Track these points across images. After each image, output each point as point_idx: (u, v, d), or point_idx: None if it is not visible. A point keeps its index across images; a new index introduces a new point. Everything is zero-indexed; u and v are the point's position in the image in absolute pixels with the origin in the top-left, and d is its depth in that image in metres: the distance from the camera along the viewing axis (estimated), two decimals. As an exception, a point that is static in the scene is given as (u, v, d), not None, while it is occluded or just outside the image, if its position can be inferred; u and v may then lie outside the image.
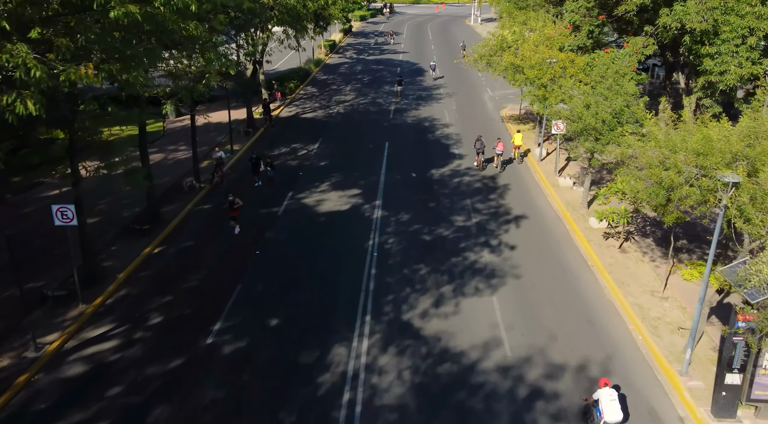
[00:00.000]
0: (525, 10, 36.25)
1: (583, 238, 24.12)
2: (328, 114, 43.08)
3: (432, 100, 47.18)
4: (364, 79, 54.75)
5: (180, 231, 24.56)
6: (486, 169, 32.61)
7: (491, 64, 34.43)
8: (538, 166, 32.45)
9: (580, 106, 24.51)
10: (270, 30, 38.26)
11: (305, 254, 22.63)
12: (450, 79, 54.68)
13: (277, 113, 42.98)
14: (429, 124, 40.45)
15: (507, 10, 38.71)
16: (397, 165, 32.47)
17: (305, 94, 49.16)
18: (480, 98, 47.91)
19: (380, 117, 42.19)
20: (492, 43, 34.29)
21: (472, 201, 27.89)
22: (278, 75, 51.77)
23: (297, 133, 38.28)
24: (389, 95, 48.54)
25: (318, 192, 28.75)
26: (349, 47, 74.20)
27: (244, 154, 34.17)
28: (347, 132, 38.65)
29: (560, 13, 35.89)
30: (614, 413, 12.82)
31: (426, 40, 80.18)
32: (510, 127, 39.74)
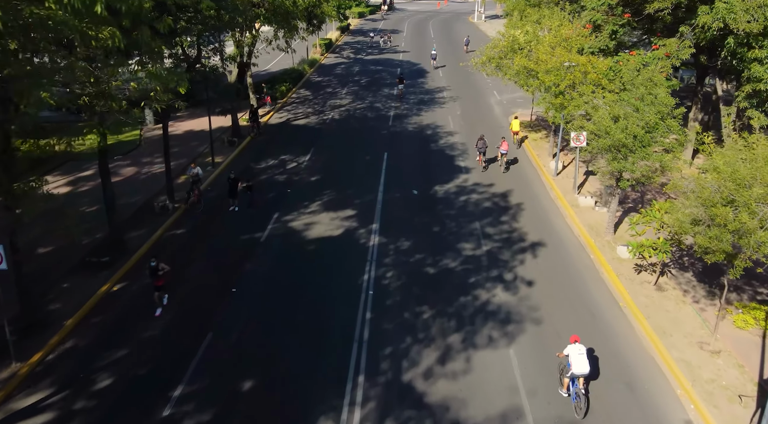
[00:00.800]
0: (538, 8, 33.32)
1: (611, 271, 21.23)
2: (322, 120, 40.19)
3: (435, 104, 44.30)
4: (362, 81, 51.85)
5: (146, 262, 21.62)
6: (488, 170, 31.04)
7: (501, 68, 31.55)
8: (554, 181, 29.55)
9: (607, 119, 21.61)
10: (257, 30, 35.37)
11: (289, 294, 19.74)
12: (454, 81, 51.77)
13: (267, 120, 40.09)
14: (432, 132, 37.56)
15: (518, 7, 35.78)
16: (397, 180, 29.59)
17: (298, 98, 46.26)
18: (486, 102, 45.03)
19: (379, 124, 39.30)
20: (502, 44, 31.40)
21: (481, 224, 25.01)
22: (269, 77, 48.90)
23: (287, 143, 35.40)
24: (388, 99, 45.65)
25: (307, 213, 25.86)
26: (347, 46, 71.29)
27: (226, 168, 31.26)
28: (342, 141, 35.77)
29: (577, 11, 33.01)
30: (582, 366, 14.38)
31: (427, 38, 77.24)
32: (520, 134, 36.83)
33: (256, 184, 27.55)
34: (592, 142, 21.95)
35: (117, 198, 25.76)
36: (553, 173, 30.32)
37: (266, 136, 36.68)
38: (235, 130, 35.67)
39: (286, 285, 20.20)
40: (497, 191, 28.46)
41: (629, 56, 26.86)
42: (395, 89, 48.14)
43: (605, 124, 21.14)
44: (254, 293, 19.70)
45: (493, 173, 30.67)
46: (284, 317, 18.38)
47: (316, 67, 57.70)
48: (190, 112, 40.01)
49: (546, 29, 31.31)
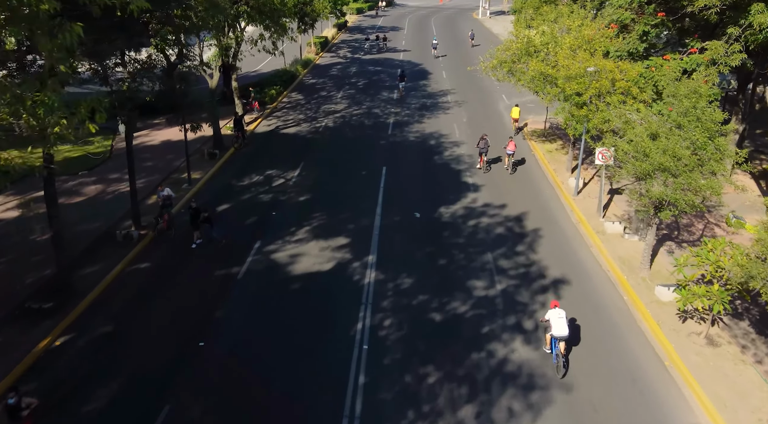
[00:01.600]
0: (554, 5, 30.35)
1: (651, 318, 18.27)
2: (315, 128, 37.21)
3: (438, 110, 41.32)
4: (359, 84, 48.87)
5: (99, 307, 18.69)
6: (491, 170, 29.99)
7: (514, 73, 28.58)
8: (575, 202, 26.58)
9: (645, 138, 18.64)
10: (242, 29, 32.38)
11: (266, 350, 16.79)
12: (459, 82, 48.77)
13: (253, 128, 37.11)
14: (435, 143, 34.59)
15: (531, 4, 32.80)
16: (397, 200, 26.64)
17: (289, 103, 43.27)
18: (495, 108, 42.06)
19: (377, 132, 36.34)
20: (515, 46, 28.42)
21: (494, 256, 22.05)
22: (258, 79, 45.93)
23: (275, 155, 32.42)
24: (388, 104, 42.66)
25: (294, 242, 22.89)
26: (344, 44, 68.28)
27: (205, 186, 28.30)
28: (336, 153, 32.79)
29: (598, 8, 30.05)
30: (561, 329, 15.57)
31: (430, 36, 74.13)
32: (534, 147, 33.89)
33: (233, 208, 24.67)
34: (627, 164, 18.97)
35: (75, 224, 22.93)
36: (573, 192, 27.35)
37: (252, 147, 33.71)
38: (216, 140, 32.70)
39: (263, 340, 17.24)
40: (511, 214, 25.50)
41: (662, 61, 23.90)
42: (395, 92, 45.27)
43: (644, 144, 18.15)
44: (223, 352, 16.73)
45: (505, 191, 27.71)
46: (258, 386, 15.42)
47: (310, 67, 54.72)
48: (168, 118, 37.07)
49: (564, 29, 28.34)
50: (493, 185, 28.39)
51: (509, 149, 29.18)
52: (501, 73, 29.11)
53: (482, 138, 29.32)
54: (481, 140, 29.33)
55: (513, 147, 29.17)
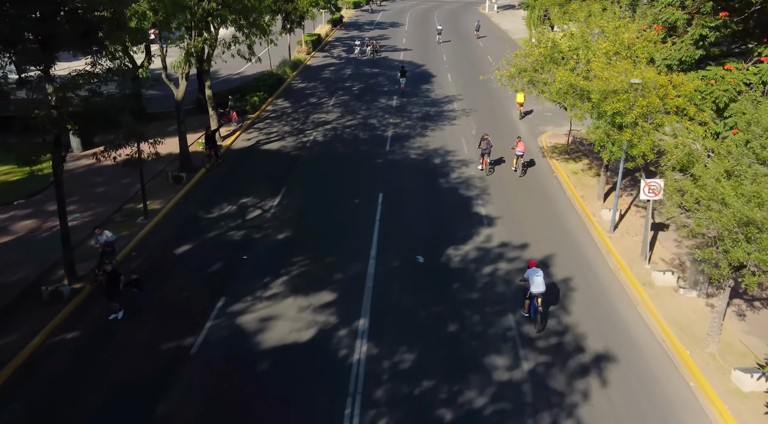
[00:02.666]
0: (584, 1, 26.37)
1: (728, 415, 14.27)
2: (302, 143, 33.21)
3: (443, 120, 37.32)
4: (354, 89, 44.85)
5: (8, 392, 14.68)
6: (493, 173, 28.63)
7: (536, 84, 24.57)
8: (611, 240, 22.59)
9: (720, 178, 14.65)
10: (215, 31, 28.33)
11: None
12: (466, 87, 44.73)
13: (230, 143, 33.09)
14: (440, 161, 30.59)
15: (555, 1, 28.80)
16: (396, 237, 22.68)
17: (274, 112, 39.26)
18: (507, 117, 38.07)
19: (373, 148, 32.34)
20: (537, 51, 24.40)
21: (517, 318, 18.08)
22: (240, 84, 41.88)
23: (252, 177, 28.44)
24: (386, 113, 38.66)
25: (266, 299, 18.90)
26: (338, 43, 64.24)
27: (164, 220, 24.30)
28: (325, 174, 28.80)
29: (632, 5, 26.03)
30: (538, 286, 17.16)
31: (433, 33, 70.16)
32: (556, 167, 29.90)
33: (196, 249, 20.65)
34: (697, 214, 14.95)
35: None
36: (608, 227, 23.34)
37: (227, 167, 29.70)
38: (184, 160, 28.68)
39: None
40: (534, 257, 21.46)
41: (724, 72, 19.88)
42: (395, 98, 41.29)
43: (721, 190, 14.13)
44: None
45: (524, 225, 23.71)
46: None
47: (299, 69, 50.69)
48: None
49: (597, 31, 24.32)
50: (509, 216, 24.40)
51: (518, 150, 27.70)
52: (520, 84, 25.10)
53: (483, 138, 27.85)
54: (482, 141, 27.87)
55: (522, 148, 27.70)
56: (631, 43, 22.06)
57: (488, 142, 27.84)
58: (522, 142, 28.20)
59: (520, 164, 28.16)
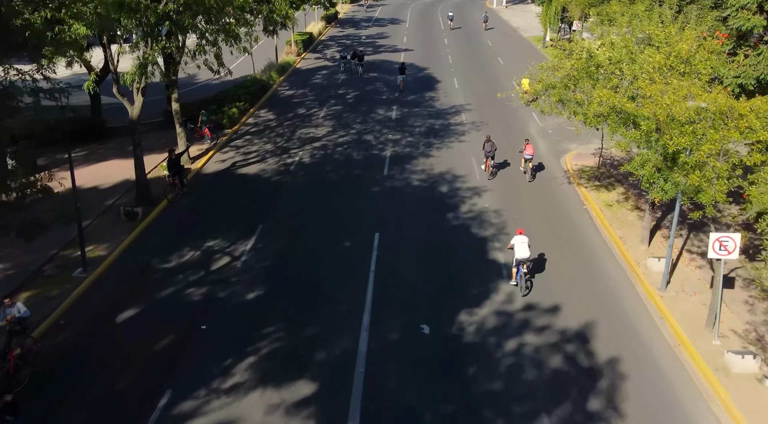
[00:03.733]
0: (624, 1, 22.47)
1: None
2: (285, 166, 29.34)
3: (450, 135, 33.44)
4: (348, 97, 40.97)
5: None
6: (495, 177, 27.62)
7: (566, 104, 20.66)
8: (664, 302, 18.68)
9: None
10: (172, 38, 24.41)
11: None
12: (475, 94, 40.82)
13: (201, 165, 29.21)
14: (448, 190, 26.72)
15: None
16: (394, 295, 18.87)
17: (255, 125, 35.38)
18: (525, 132, 34.16)
19: (368, 172, 28.48)
20: (569, 64, 20.50)
21: (553, 421, 14.16)
22: (219, 91, 37.90)
23: (223, 212, 24.57)
24: (384, 127, 34.79)
25: (224, 393, 15.01)
26: (332, 42, 60.32)
27: (108, 272, 20.41)
28: (310, 207, 24.95)
29: (679, 5, 22.15)
30: (523, 252, 18.52)
31: (437, 31, 66.38)
32: (586, 196, 26.03)
33: (142, 315, 16.74)
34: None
35: None
36: (658, 283, 19.43)
37: (194, 198, 25.84)
38: (141, 190, 24.79)
39: None
40: (569, 326, 17.59)
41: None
42: (393, 109, 37.48)
43: None
44: None
45: (553, 280, 19.81)
46: None
47: (288, 73, 46.79)
48: (95, 150, 29.49)
49: (641, 38, 20.40)
50: (534, 265, 20.47)
51: (527, 153, 26.78)
52: (548, 104, 21.19)
53: (487, 140, 27.15)
54: (486, 143, 27.11)
55: (531, 150, 26.78)
56: (689, 55, 18.16)
57: (492, 145, 26.88)
58: (530, 144, 26.99)
59: (529, 168, 27.09)
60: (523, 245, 18.62)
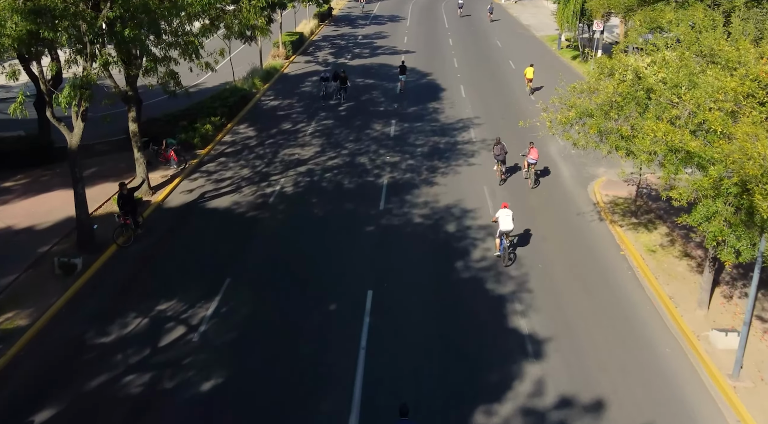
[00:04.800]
0: (681, 6, 18.77)
1: None
2: (263, 197, 25.69)
3: (458, 157, 29.78)
4: (341, 109, 37.32)
5: None
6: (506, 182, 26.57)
7: (608, 137, 16.98)
8: (737, 394, 15.03)
9: None
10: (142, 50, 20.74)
11: None
12: (485, 105, 37.16)
13: (163, 198, 25.52)
14: (456, 229, 23.08)
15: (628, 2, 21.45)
16: (391, 384, 15.22)
17: (232, 145, 31.69)
18: (544, 153, 30.49)
19: (361, 206, 24.84)
20: (611, 87, 16.80)
21: None
22: (192, 104, 34.14)
23: (184, 262, 20.91)
24: (381, 146, 31.16)
25: None
26: (325, 43, 56.62)
27: (28, 350, 16.73)
28: (289, 255, 21.31)
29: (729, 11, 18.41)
30: (507, 224, 19.81)
31: (440, 29, 62.70)
32: (622, 238, 22.38)
33: (58, 419, 13.08)
34: None
35: None
36: (730, 368, 15.75)
37: (149, 242, 22.16)
38: (83, 234, 21.08)
39: None
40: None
41: None
42: (392, 123, 33.85)
43: None
44: None
45: (592, 360, 16.14)
46: None
47: (274, 80, 43.11)
48: (38, 177, 25.92)
49: (705, 56, 16.70)
50: (565, 336, 16.92)
51: (531, 157, 25.85)
52: (582, 135, 17.48)
53: (497, 143, 26.13)
54: (496, 146, 26.09)
55: (536, 155, 25.81)
56: None
57: (502, 148, 25.86)
58: (535, 148, 25.86)
59: (532, 173, 26.17)
60: (508, 218, 19.93)
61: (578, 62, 47.71)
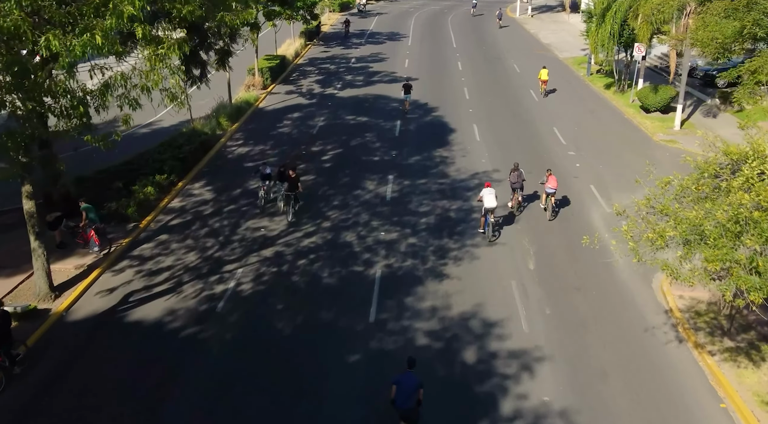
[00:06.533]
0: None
1: None
2: (208, 301, 19.82)
3: (476, 234, 24.07)
4: (325, 158, 31.58)
5: None
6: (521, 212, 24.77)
7: (731, 271, 11.04)
8: None
9: None
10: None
11: None
12: (504, 150, 31.31)
13: (67, 304, 19.57)
14: (477, 360, 17.25)
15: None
16: None
17: (179, 215, 25.86)
18: (586, 222, 24.69)
19: (343, 317, 19.03)
20: (746, 198, 10.88)
21: None
22: (134, 156, 28.44)
23: (73, 420, 14.94)
24: (374, 214, 25.42)
25: None
26: (312, 68, 50.97)
27: None
28: (228, 415, 15.30)
29: None
30: (490, 202, 22.37)
31: (447, 49, 57.23)
32: (713, 371, 16.49)
33: None
34: None
35: None
36: None
37: (28, 387, 16.20)
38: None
39: None
40: None
41: None
42: (389, 181, 28.21)
43: None
44: None
45: None
46: None
47: (246, 117, 37.45)
48: None
49: None
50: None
51: (549, 186, 24.68)
52: (691, 268, 11.58)
53: (514, 170, 24.96)
54: (512, 172, 24.96)
55: (554, 183, 24.60)
56: None
57: (519, 175, 24.74)
58: (553, 176, 24.45)
59: (551, 204, 24.89)
60: (491, 196, 22.32)
61: (614, 93, 42.16)
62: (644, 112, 37.97)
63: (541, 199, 25.74)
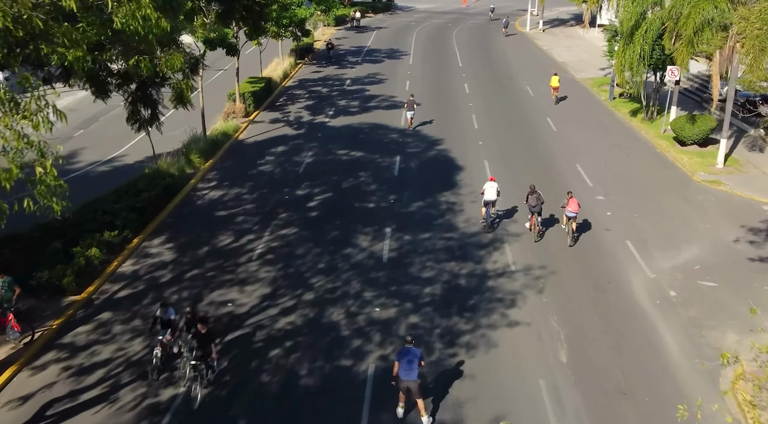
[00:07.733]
0: None
1: None
2: (151, 414, 15.82)
3: (492, 309, 20.22)
4: (311, 205, 27.72)
5: None
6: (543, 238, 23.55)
7: None
8: None
9: None
10: None
11: None
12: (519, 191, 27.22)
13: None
14: None
15: None
16: None
17: (131, 282, 21.95)
18: (625, 290, 20.79)
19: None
20: None
21: None
22: (81, 205, 24.49)
23: None
24: (367, 283, 21.55)
25: None
26: (302, 91, 47.12)
27: None
28: None
29: None
30: (490, 195, 24.09)
31: (453, 69, 53.57)
32: None
33: None
34: None
35: None
36: None
37: None
38: None
39: None
40: None
41: None
42: (388, 233, 24.41)
43: None
44: None
45: None
46: None
47: (222, 153, 33.64)
48: None
49: None
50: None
51: (569, 210, 23.42)
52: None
53: (532, 192, 23.84)
54: (530, 195, 23.87)
55: (576, 207, 23.34)
56: None
57: (537, 198, 23.83)
58: (575, 199, 23.53)
59: (571, 228, 23.83)
60: (492, 189, 24.15)
61: (641, 121, 38.41)
62: (679, 145, 34.21)
63: (561, 221, 24.91)
